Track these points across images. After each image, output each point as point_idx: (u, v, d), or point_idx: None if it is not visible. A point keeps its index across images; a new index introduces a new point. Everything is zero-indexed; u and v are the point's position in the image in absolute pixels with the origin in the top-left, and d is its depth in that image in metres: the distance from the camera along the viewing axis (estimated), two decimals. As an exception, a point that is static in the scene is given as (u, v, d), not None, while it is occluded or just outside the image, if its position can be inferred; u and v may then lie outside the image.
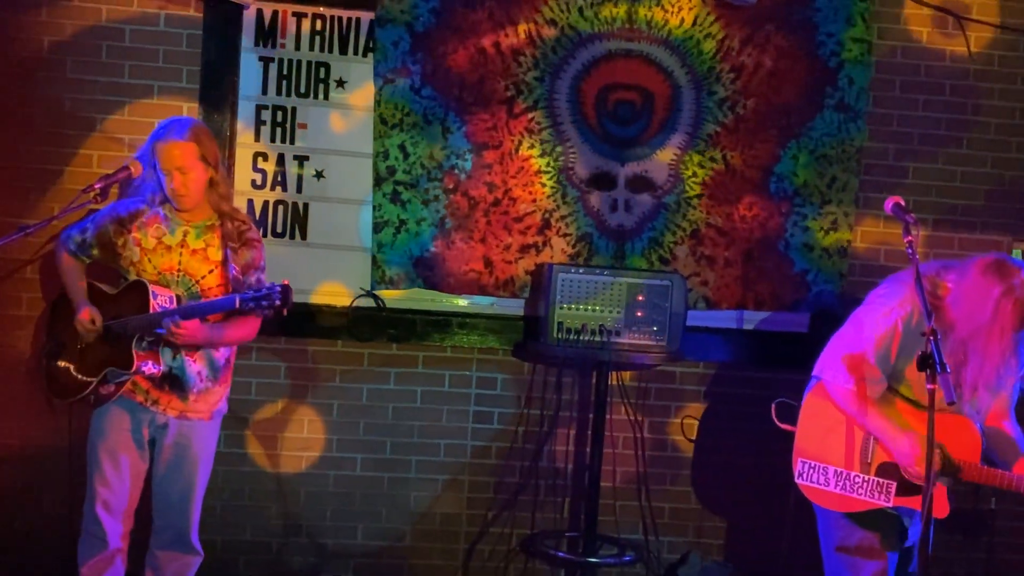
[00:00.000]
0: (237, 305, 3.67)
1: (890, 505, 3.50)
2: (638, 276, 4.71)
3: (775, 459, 3.90)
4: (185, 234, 3.93)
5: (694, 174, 5.06)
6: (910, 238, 3.35)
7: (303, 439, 5.00)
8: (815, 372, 3.66)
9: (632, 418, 5.03)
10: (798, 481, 3.63)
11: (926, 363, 3.02)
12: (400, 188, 4.93)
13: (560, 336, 4.61)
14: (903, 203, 3.53)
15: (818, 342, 5.29)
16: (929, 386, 3.01)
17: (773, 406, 3.85)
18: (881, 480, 3.51)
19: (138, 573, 4.05)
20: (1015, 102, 5.29)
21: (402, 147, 4.93)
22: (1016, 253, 5.74)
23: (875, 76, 5.17)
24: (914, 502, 3.47)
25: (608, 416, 4.82)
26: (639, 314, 4.66)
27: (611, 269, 4.78)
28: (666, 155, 5.05)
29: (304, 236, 4.96)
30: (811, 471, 3.60)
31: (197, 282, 3.90)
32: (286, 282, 3.67)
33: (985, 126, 5.29)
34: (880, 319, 3.50)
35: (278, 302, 3.63)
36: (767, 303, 5.15)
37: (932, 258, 5.23)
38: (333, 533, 5.02)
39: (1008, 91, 5.28)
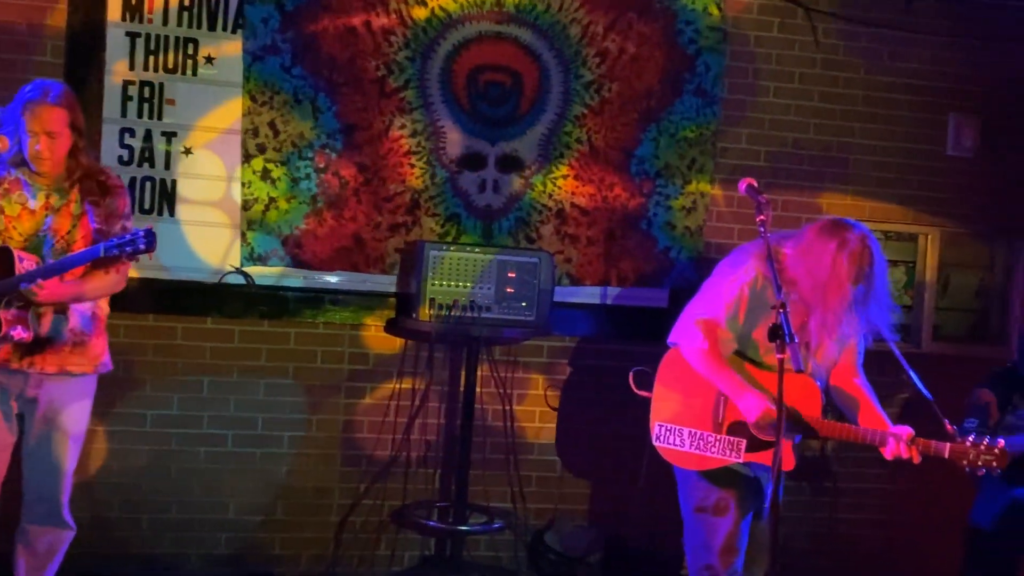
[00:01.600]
0: (101, 253, 3.69)
1: (740, 461, 3.76)
2: (508, 253, 4.93)
3: (635, 426, 4.15)
4: (47, 196, 3.91)
5: (561, 155, 5.30)
6: (762, 217, 3.57)
7: (173, 416, 5.06)
8: (670, 339, 3.90)
9: (501, 391, 5.23)
10: (655, 443, 3.86)
11: (776, 334, 3.24)
12: (270, 166, 5.01)
13: (432, 312, 4.79)
14: (756, 184, 3.75)
15: (677, 316, 5.59)
16: (779, 356, 3.24)
17: (631, 374, 4.10)
18: (732, 438, 3.76)
19: (8, 548, 4.04)
20: (858, 90, 5.71)
21: (272, 125, 5.00)
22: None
23: (730, 64, 5.49)
24: (762, 457, 3.72)
25: (478, 389, 5.03)
26: (509, 290, 4.87)
27: (482, 246, 4.98)
28: (535, 135, 5.28)
29: (172, 213, 5.00)
30: (667, 433, 3.84)
31: (63, 238, 3.88)
32: (150, 226, 3.70)
33: (831, 112, 5.66)
34: (728, 285, 3.74)
35: (142, 246, 3.66)
36: (630, 279, 5.44)
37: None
38: (204, 509, 5.10)
39: (852, 80, 5.70)
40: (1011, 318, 6.02)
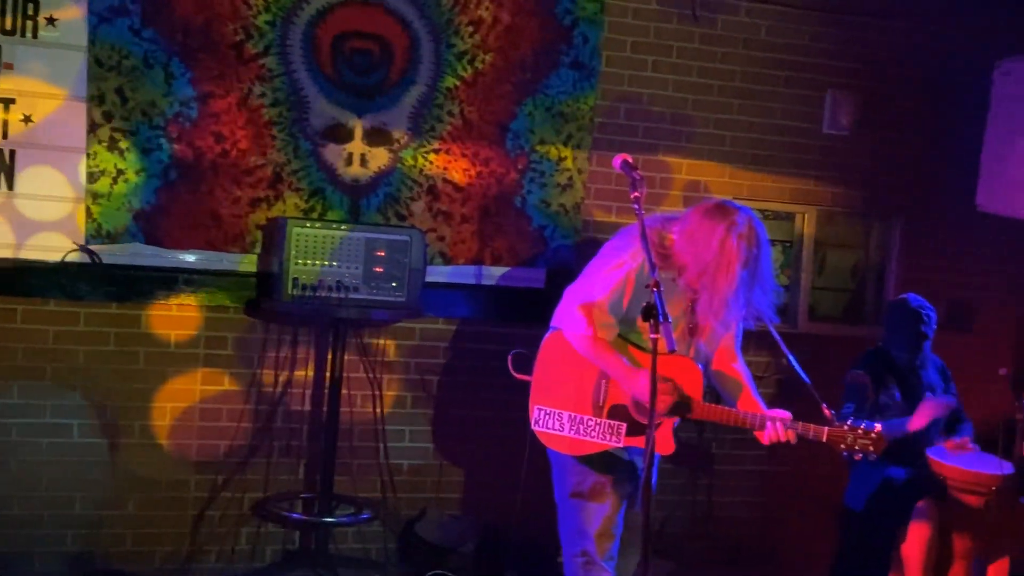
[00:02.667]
0: None
1: (620, 445, 3.77)
2: (376, 231, 4.83)
3: (513, 412, 4.13)
4: None
5: (432, 128, 5.21)
6: (637, 194, 3.56)
7: (13, 405, 4.83)
8: (553, 323, 3.88)
9: (370, 375, 5.14)
10: (534, 428, 3.84)
11: (649, 314, 3.20)
12: (118, 135, 4.79)
13: (295, 292, 4.66)
14: (631, 160, 3.74)
15: (555, 297, 5.54)
16: (652, 336, 3.21)
17: (510, 357, 4.04)
18: (612, 422, 3.77)
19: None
20: (736, 65, 5.73)
21: (120, 91, 4.77)
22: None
23: (607, 36, 5.45)
24: (643, 442, 3.73)
25: (345, 374, 4.93)
26: (377, 270, 4.77)
27: (348, 224, 4.87)
28: (404, 108, 5.17)
29: (11, 186, 4.75)
30: (547, 417, 3.81)
31: None
32: None
33: (709, 88, 5.66)
34: (612, 270, 3.74)
35: None
36: (504, 258, 5.38)
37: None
38: (49, 504, 4.88)
39: (729, 55, 5.73)
40: (886, 297, 6.12)
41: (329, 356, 4.92)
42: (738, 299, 3.67)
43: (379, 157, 5.14)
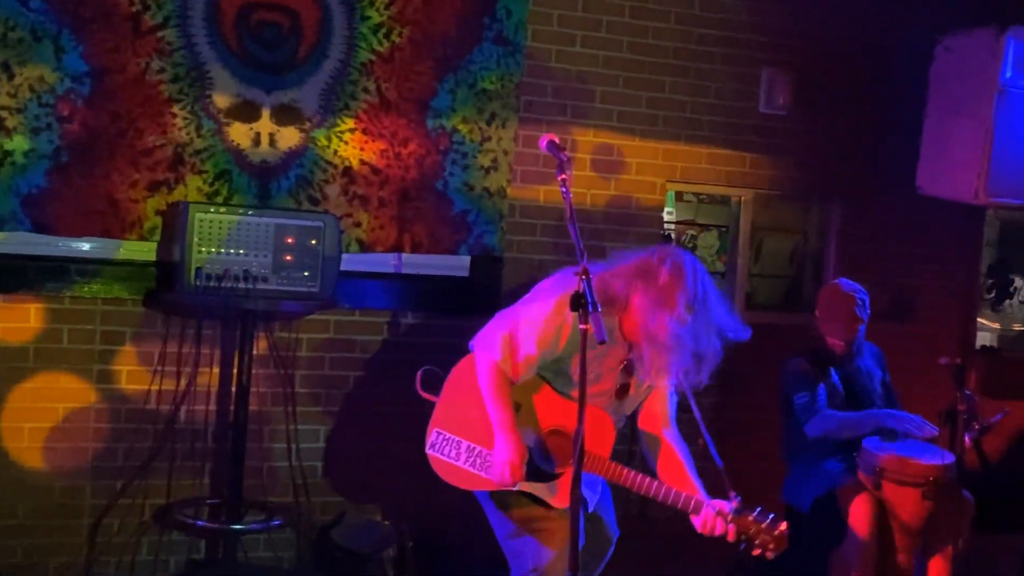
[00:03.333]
0: None
1: (515, 489, 3.72)
2: (287, 216, 4.76)
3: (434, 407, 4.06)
4: None
5: (347, 107, 5.15)
6: (564, 176, 3.54)
7: None
8: (470, 343, 3.85)
9: (281, 371, 5.08)
10: (428, 451, 3.83)
11: (578, 302, 3.18)
12: (4, 114, 4.67)
13: (199, 283, 4.57)
14: (558, 141, 3.71)
15: (479, 286, 5.55)
16: (582, 327, 3.18)
17: (419, 374, 4.04)
18: None
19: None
20: (668, 41, 5.76)
21: (5, 66, 4.65)
22: (669, 195, 6.25)
23: (533, 9, 5.45)
24: (539, 489, 3.71)
25: (254, 371, 4.86)
26: (288, 258, 4.70)
27: (256, 209, 4.80)
28: (316, 84, 5.10)
29: None
30: (444, 443, 3.80)
31: None
32: None
33: (640, 64, 5.67)
34: (553, 309, 3.69)
35: None
36: (425, 245, 5.34)
37: (590, 198, 5.61)
38: (-73, 517, 4.72)
39: (662, 30, 5.75)
40: (825, 284, 6.20)
41: (236, 352, 4.85)
42: (683, 346, 3.64)
43: (289, 137, 5.07)
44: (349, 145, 5.16)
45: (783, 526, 3.55)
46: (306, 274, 4.72)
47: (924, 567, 4.81)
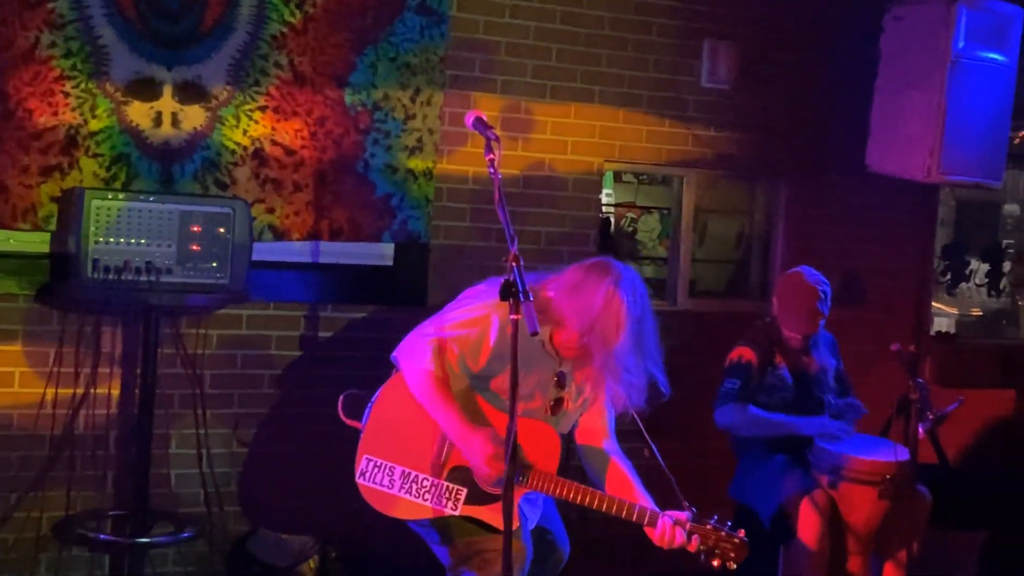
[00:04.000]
0: None
1: (457, 514, 3.72)
2: (192, 202, 4.70)
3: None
4: None
5: (256, 83, 5.09)
6: (492, 156, 3.54)
7: None
8: (393, 356, 3.84)
9: (190, 371, 5.02)
10: (359, 481, 3.79)
11: (509, 291, 3.18)
12: None
13: (97, 276, 4.50)
14: (485, 118, 3.71)
15: (404, 275, 5.52)
16: (513, 317, 3.19)
17: (341, 398, 3.99)
18: (451, 485, 3.72)
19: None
20: (605, 11, 5.77)
21: None
22: (608, 176, 6.26)
23: (458, -24, 5.41)
24: (483, 513, 3.70)
25: (159, 371, 4.81)
26: (194, 248, 4.65)
27: (159, 195, 4.74)
28: (223, 59, 5.03)
29: None
30: (376, 470, 3.76)
31: None
32: None
33: (574, 36, 5.67)
34: (474, 318, 3.72)
35: None
36: (345, 232, 5.31)
37: (522, 181, 5.59)
38: None
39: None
40: (772, 269, 6.26)
41: (139, 350, 4.79)
42: (630, 357, 3.68)
43: (194, 116, 4.99)
44: (260, 124, 5.09)
45: (742, 533, 3.59)
46: (214, 265, 4.66)
47: (879, 569, 4.87)
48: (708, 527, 3.59)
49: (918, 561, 4.74)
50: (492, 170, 3.49)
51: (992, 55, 5.55)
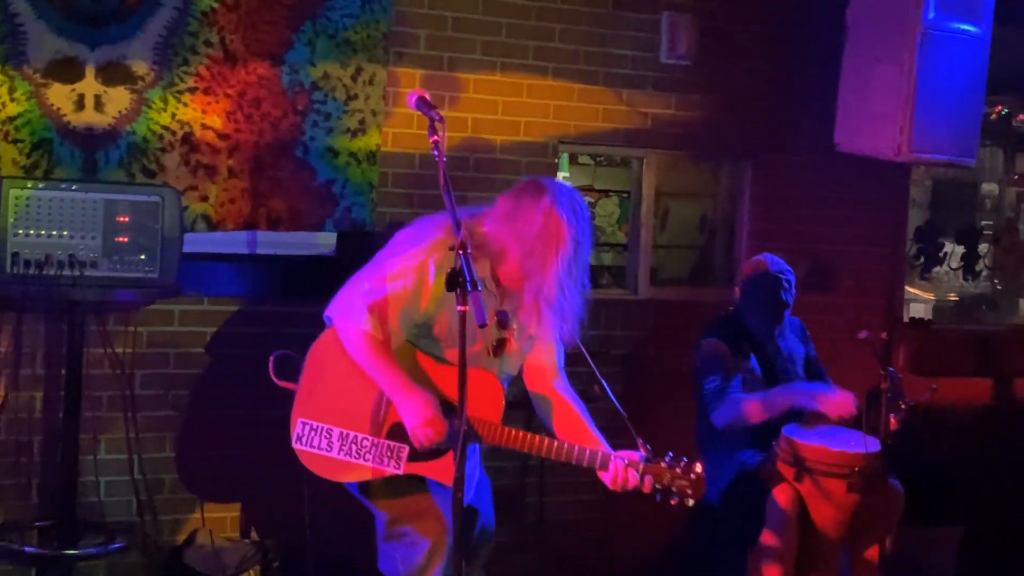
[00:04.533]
0: None
1: (400, 472, 3.74)
2: (118, 191, 4.68)
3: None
4: None
5: (185, 62, 5.06)
6: (436, 138, 3.54)
7: None
8: (326, 313, 3.85)
9: (119, 371, 4.99)
10: (295, 445, 3.80)
11: (455, 282, 3.19)
12: None
13: (16, 271, 4.48)
14: (428, 97, 3.70)
15: (348, 265, 5.47)
16: (460, 308, 3.20)
17: (272, 359, 4.03)
18: (392, 443, 3.74)
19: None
20: (556, -14, 5.75)
21: None
22: (563, 158, 6.27)
23: (401, -54, 5.40)
24: (427, 469, 3.72)
25: (86, 371, 4.78)
26: (121, 239, 4.63)
27: (82, 183, 4.70)
28: (148, 37, 5.00)
29: None
30: (312, 434, 3.77)
31: None
32: None
33: (525, 10, 5.69)
34: (409, 266, 3.73)
35: None
36: (284, 221, 5.31)
37: (472, 163, 5.59)
38: None
39: (548, -26, 5.74)
40: (738, 254, 6.28)
41: (64, 350, 4.76)
42: (570, 284, 3.70)
43: (119, 99, 4.95)
44: (189, 107, 5.07)
45: (698, 467, 3.58)
46: (143, 257, 4.64)
47: (850, 566, 4.90)
48: (662, 465, 3.60)
49: (891, 559, 4.77)
50: (436, 153, 3.49)
51: (964, 26, 5.58)
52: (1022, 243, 8.08)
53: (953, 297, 8.20)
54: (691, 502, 3.57)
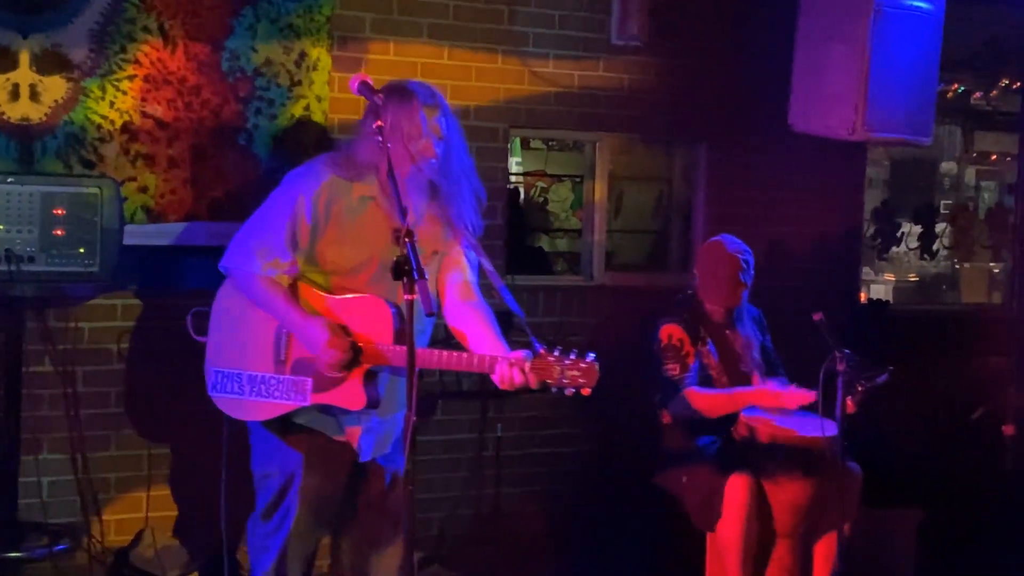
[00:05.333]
0: None
1: (307, 404, 3.82)
2: (55, 183, 4.64)
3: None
4: None
5: (123, 49, 5.04)
6: (380, 123, 3.54)
7: None
8: (221, 264, 3.92)
9: (60, 368, 4.98)
10: (211, 393, 3.93)
11: (402, 271, 3.19)
12: None
13: (-48, 268, 4.43)
14: (371, 81, 3.71)
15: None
16: (407, 297, 3.21)
17: (189, 316, 4.15)
18: (296, 378, 3.83)
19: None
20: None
21: None
22: (515, 143, 6.26)
23: (341, -76, 5.39)
24: (332, 397, 3.79)
25: (26, 369, 4.77)
26: (59, 233, 4.59)
27: (17, 175, 4.66)
28: (84, 24, 4.97)
29: None
30: (225, 380, 3.89)
31: None
32: None
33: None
34: (288, 199, 3.83)
35: None
36: (228, 211, 5.27)
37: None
38: None
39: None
40: (694, 238, 6.30)
41: (2, 347, 4.71)
42: (451, 166, 3.80)
43: (55, 89, 4.92)
44: (128, 96, 5.04)
45: (590, 357, 3.54)
46: (82, 251, 4.60)
47: (810, 552, 4.94)
48: (549, 360, 3.55)
49: (851, 542, 4.81)
50: (379, 139, 3.51)
51: (917, 3, 5.59)
52: (981, 222, 8.15)
53: (913, 278, 8.27)
54: (588, 391, 3.52)
